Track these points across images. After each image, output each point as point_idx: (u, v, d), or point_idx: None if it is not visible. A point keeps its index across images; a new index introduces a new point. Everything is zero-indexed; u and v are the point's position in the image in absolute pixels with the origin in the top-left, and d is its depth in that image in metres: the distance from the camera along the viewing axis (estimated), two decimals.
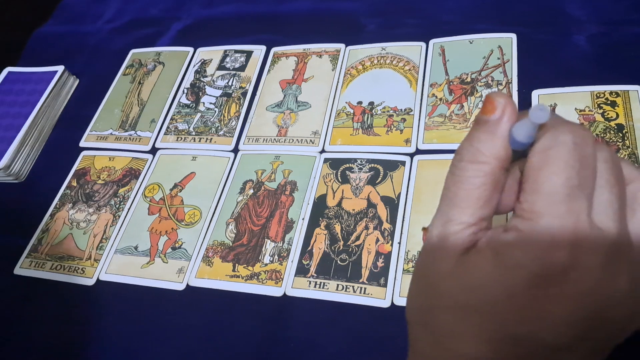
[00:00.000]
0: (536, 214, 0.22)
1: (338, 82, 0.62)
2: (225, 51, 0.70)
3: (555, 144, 0.23)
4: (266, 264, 0.50)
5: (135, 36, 0.77)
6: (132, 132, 0.65)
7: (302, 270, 0.49)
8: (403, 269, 0.47)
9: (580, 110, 0.51)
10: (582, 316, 0.22)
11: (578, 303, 0.22)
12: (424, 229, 0.49)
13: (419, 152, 0.54)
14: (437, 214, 0.26)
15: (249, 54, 0.69)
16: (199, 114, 0.64)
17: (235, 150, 0.60)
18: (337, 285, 0.47)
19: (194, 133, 0.63)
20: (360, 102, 0.59)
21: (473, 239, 0.25)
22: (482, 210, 0.24)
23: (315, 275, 0.49)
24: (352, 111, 0.59)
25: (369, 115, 0.58)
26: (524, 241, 0.22)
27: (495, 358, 0.23)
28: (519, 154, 0.25)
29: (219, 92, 0.66)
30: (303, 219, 0.52)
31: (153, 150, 0.63)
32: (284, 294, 0.48)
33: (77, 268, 0.54)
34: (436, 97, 0.57)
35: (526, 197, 0.23)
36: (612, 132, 0.49)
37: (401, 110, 0.57)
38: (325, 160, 0.56)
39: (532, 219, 0.22)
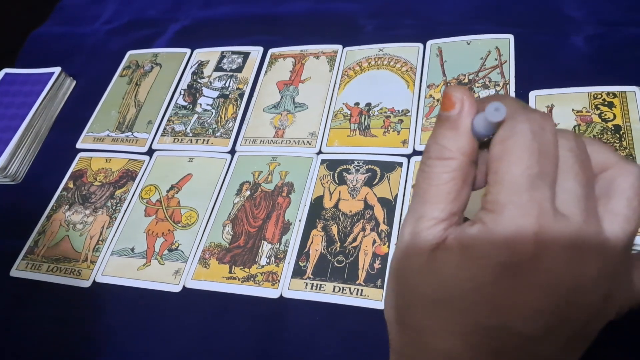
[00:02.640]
0: (499, 205, 0.22)
1: (335, 83, 0.62)
2: (223, 52, 0.70)
3: (513, 134, 0.23)
4: (263, 266, 0.50)
5: (133, 37, 0.77)
6: (129, 133, 0.65)
7: (298, 272, 0.49)
8: None
9: (578, 111, 0.51)
10: (552, 303, 0.22)
11: (546, 290, 0.22)
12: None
13: (416, 153, 0.54)
14: (409, 212, 0.26)
15: (246, 55, 0.69)
16: (195, 116, 0.64)
17: (232, 152, 0.60)
18: (334, 287, 0.47)
19: (190, 134, 0.62)
20: (357, 104, 0.59)
21: (444, 235, 0.25)
22: (452, 205, 0.25)
23: (311, 276, 0.48)
24: (349, 112, 0.59)
25: (366, 117, 0.58)
26: (489, 232, 0.22)
27: (470, 351, 0.24)
28: (487, 140, 0.25)
29: (216, 94, 0.66)
30: (300, 220, 0.52)
31: (150, 152, 0.63)
32: (281, 295, 0.48)
33: (73, 270, 0.54)
34: (433, 98, 0.57)
35: (489, 189, 0.23)
36: (609, 133, 0.49)
37: (398, 111, 0.57)
38: (322, 161, 0.56)
39: (495, 210, 0.22)
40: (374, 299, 0.46)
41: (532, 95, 0.54)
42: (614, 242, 0.23)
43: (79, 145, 0.66)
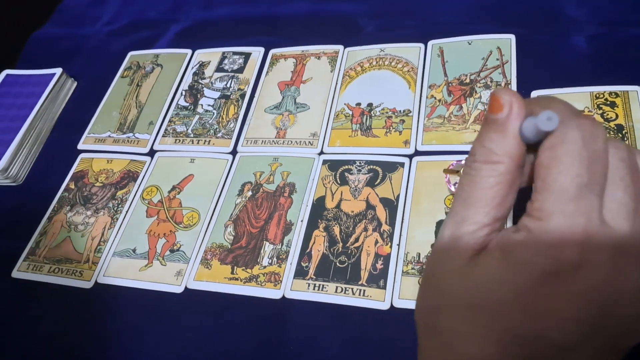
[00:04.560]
0: (546, 213, 0.22)
1: (337, 83, 0.62)
2: (224, 53, 0.70)
3: (563, 141, 0.22)
4: (265, 266, 0.50)
5: (134, 38, 0.77)
6: (130, 134, 0.65)
7: (301, 273, 0.49)
8: (402, 271, 0.47)
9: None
10: (591, 314, 0.22)
11: (587, 301, 0.22)
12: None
13: (417, 153, 0.54)
14: (451, 214, 0.26)
15: (247, 55, 0.69)
16: (197, 116, 0.64)
17: (234, 152, 0.60)
18: (336, 287, 0.47)
19: (192, 135, 0.62)
20: (359, 104, 0.59)
21: (486, 240, 0.24)
22: (496, 210, 0.24)
23: (314, 277, 0.48)
24: (350, 113, 0.59)
25: (368, 117, 0.58)
26: (533, 240, 0.22)
27: (503, 359, 0.23)
28: (534, 142, 0.24)
29: (217, 94, 0.65)
30: (302, 220, 0.52)
31: (151, 153, 0.62)
32: (283, 296, 0.48)
33: (75, 271, 0.54)
34: (435, 98, 0.57)
35: (536, 196, 0.23)
36: (611, 132, 0.49)
37: (400, 111, 0.57)
38: (324, 161, 0.56)
39: (541, 218, 0.22)
40: (376, 299, 0.46)
41: (534, 95, 0.54)
42: None
43: (80, 146, 0.66)
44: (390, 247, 0.48)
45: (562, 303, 0.22)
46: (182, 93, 0.67)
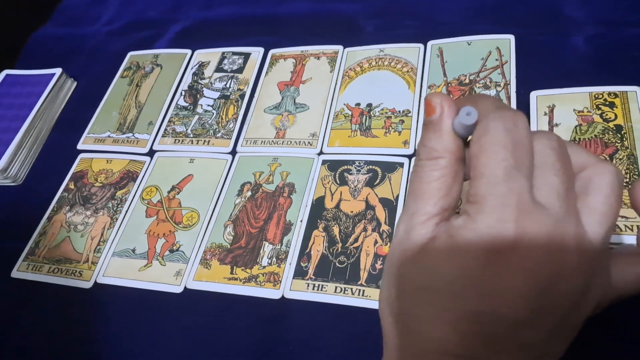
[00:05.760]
0: (480, 197, 0.24)
1: (336, 83, 0.62)
2: (223, 53, 0.70)
3: (487, 131, 0.24)
4: (264, 267, 0.50)
5: (133, 38, 0.77)
6: (130, 134, 0.65)
7: (300, 273, 0.49)
8: None
9: (579, 112, 0.51)
10: (535, 289, 0.23)
11: (529, 276, 0.23)
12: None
13: None
14: (403, 210, 0.28)
15: (246, 56, 0.69)
16: (196, 116, 0.64)
17: (233, 152, 0.60)
18: (336, 287, 0.47)
19: (191, 135, 0.62)
20: (358, 104, 0.59)
21: (436, 229, 0.26)
22: (443, 200, 0.26)
23: (313, 277, 0.48)
24: (350, 113, 0.59)
25: (367, 117, 0.58)
26: (472, 222, 0.24)
27: (459, 338, 0.24)
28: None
29: (216, 94, 0.66)
30: (301, 221, 0.52)
31: (151, 153, 0.62)
32: (282, 296, 0.48)
33: (74, 271, 0.54)
34: None
35: (471, 184, 0.25)
36: (610, 133, 0.49)
37: (399, 111, 0.57)
38: (324, 162, 0.56)
39: (477, 201, 0.24)
40: (375, 299, 0.46)
41: (533, 95, 0.54)
42: (591, 235, 0.25)
43: (79, 146, 0.66)
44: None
45: (507, 280, 0.23)
46: (181, 93, 0.67)
